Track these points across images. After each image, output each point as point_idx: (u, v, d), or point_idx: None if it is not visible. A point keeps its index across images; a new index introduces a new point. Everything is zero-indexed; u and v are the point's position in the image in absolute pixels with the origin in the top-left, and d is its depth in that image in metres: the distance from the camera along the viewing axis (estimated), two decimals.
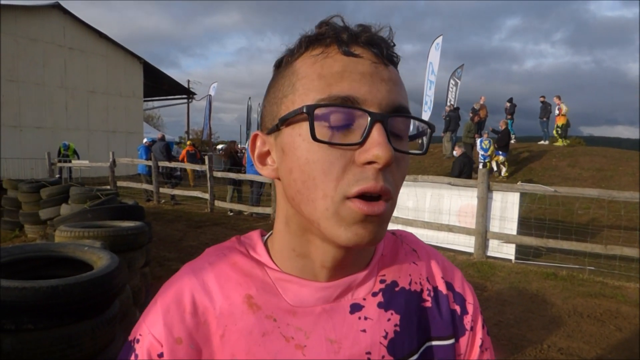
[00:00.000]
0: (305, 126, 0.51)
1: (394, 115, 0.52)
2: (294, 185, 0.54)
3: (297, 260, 0.60)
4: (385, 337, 0.59)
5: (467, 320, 0.67)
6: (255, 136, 0.61)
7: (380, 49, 0.54)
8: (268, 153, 0.60)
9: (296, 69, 0.55)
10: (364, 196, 0.50)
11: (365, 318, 0.59)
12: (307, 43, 0.56)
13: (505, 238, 6.68)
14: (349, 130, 0.51)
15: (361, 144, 0.50)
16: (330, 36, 0.54)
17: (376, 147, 0.49)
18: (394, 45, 0.57)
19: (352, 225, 0.51)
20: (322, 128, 0.51)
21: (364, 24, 0.56)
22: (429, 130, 0.57)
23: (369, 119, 0.50)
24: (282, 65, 0.59)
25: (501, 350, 3.64)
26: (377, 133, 0.50)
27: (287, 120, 0.53)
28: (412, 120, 0.56)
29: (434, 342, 0.63)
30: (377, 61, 0.53)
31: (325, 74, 0.52)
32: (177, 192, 11.62)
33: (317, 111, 0.50)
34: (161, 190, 11.73)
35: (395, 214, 7.66)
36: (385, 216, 0.53)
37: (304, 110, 0.50)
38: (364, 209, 0.50)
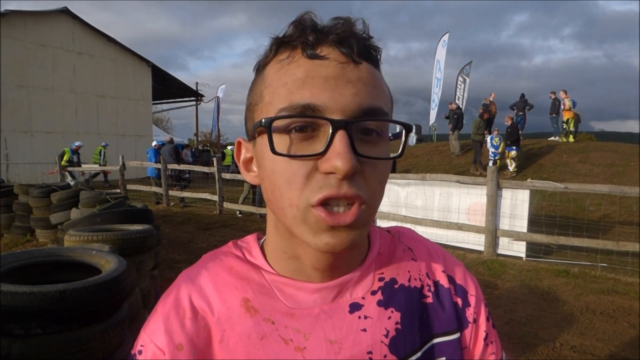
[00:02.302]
0: None
1: (360, 120, 0.50)
2: (267, 194, 0.55)
3: (289, 263, 0.59)
4: (386, 336, 0.58)
5: (470, 313, 0.66)
6: (240, 143, 0.61)
7: (350, 47, 0.51)
8: (251, 159, 0.60)
9: (265, 76, 0.55)
10: (329, 205, 0.49)
11: (365, 317, 0.58)
12: (276, 47, 0.54)
13: (515, 236, 6.63)
14: (313, 138, 0.50)
15: (323, 153, 0.48)
16: (297, 38, 0.52)
17: (335, 157, 0.47)
18: (371, 37, 0.54)
19: (321, 234, 0.50)
20: (283, 138, 0.50)
21: (339, 17, 0.54)
22: (404, 131, 0.55)
23: (330, 127, 0.48)
24: (258, 69, 0.58)
25: (513, 349, 3.61)
26: (338, 142, 0.48)
27: (256, 131, 0.54)
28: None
29: (439, 339, 0.62)
30: (345, 61, 0.51)
31: (288, 81, 0.51)
32: (186, 194, 11.66)
33: (277, 123, 0.50)
34: (170, 192, 11.78)
35: (404, 212, 7.65)
36: (358, 223, 0.51)
37: (262, 124, 0.50)
38: (328, 220, 0.49)
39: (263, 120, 0.50)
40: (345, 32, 0.52)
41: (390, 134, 0.56)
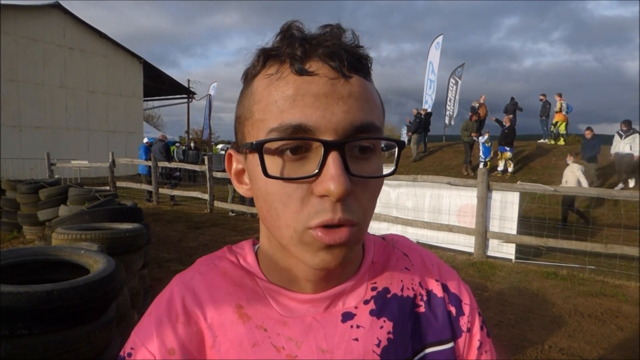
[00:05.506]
0: None
1: (352, 140, 0.49)
2: (261, 212, 0.54)
3: (282, 273, 0.59)
4: (378, 345, 0.58)
5: (464, 322, 0.66)
6: (230, 155, 0.60)
7: (340, 60, 0.49)
8: (243, 171, 0.59)
9: (253, 90, 0.53)
10: (325, 225, 0.49)
11: (358, 326, 0.58)
12: (264, 59, 0.53)
13: (505, 238, 6.67)
14: (306, 158, 0.49)
15: (317, 175, 0.48)
16: (285, 52, 0.51)
17: (329, 180, 0.47)
18: (361, 47, 0.53)
19: (318, 252, 0.50)
20: (275, 160, 0.49)
21: (328, 25, 0.52)
22: (397, 148, 0.54)
23: (323, 148, 0.48)
24: (246, 79, 0.56)
25: (502, 351, 3.63)
26: (332, 163, 0.47)
27: (247, 149, 0.52)
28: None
29: (431, 349, 0.62)
30: (335, 76, 0.49)
31: (277, 99, 0.49)
32: (176, 192, 11.61)
33: (268, 145, 0.49)
34: (160, 190, 11.71)
35: (395, 214, 7.67)
36: (351, 240, 0.51)
37: (253, 147, 0.49)
38: (325, 239, 0.49)
39: (254, 142, 0.49)
40: (335, 45, 0.50)
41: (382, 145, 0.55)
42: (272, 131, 0.49)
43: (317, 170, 0.48)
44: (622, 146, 11.09)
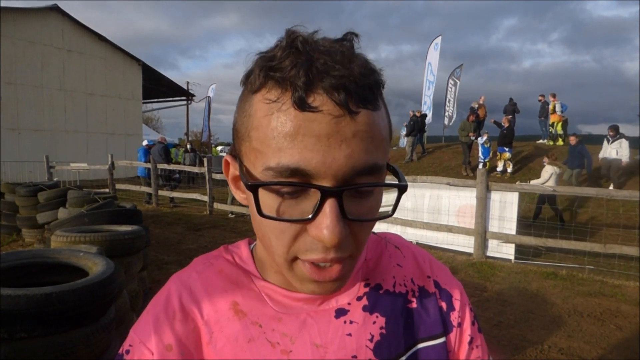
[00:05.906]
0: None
1: (351, 187, 0.47)
2: (255, 231, 0.55)
3: (276, 275, 0.60)
4: (371, 340, 0.59)
5: (454, 317, 0.67)
6: (227, 162, 0.59)
7: (347, 93, 0.45)
8: (240, 178, 0.58)
9: (252, 112, 0.49)
10: (315, 262, 0.50)
11: (351, 322, 0.59)
12: (265, 76, 0.48)
13: (504, 238, 6.68)
14: (302, 197, 0.48)
15: (312, 219, 0.47)
16: (287, 77, 0.45)
17: (324, 229, 0.46)
18: (373, 72, 0.48)
19: (307, 283, 0.52)
20: (271, 196, 0.48)
21: (338, 42, 0.49)
22: (397, 192, 0.53)
23: (320, 194, 0.46)
24: (245, 88, 0.52)
25: (502, 351, 3.63)
26: (328, 211, 0.46)
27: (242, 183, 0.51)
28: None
29: (424, 344, 0.63)
30: (339, 114, 0.45)
31: (276, 135, 0.46)
32: (175, 194, 11.60)
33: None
34: (160, 192, 11.70)
35: (394, 214, 7.66)
36: (342, 276, 0.52)
37: (248, 188, 0.48)
38: (314, 275, 0.50)
39: (249, 183, 0.48)
40: (343, 77, 0.45)
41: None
42: (268, 169, 0.47)
43: (310, 216, 0.47)
44: (609, 151, 11.55)
